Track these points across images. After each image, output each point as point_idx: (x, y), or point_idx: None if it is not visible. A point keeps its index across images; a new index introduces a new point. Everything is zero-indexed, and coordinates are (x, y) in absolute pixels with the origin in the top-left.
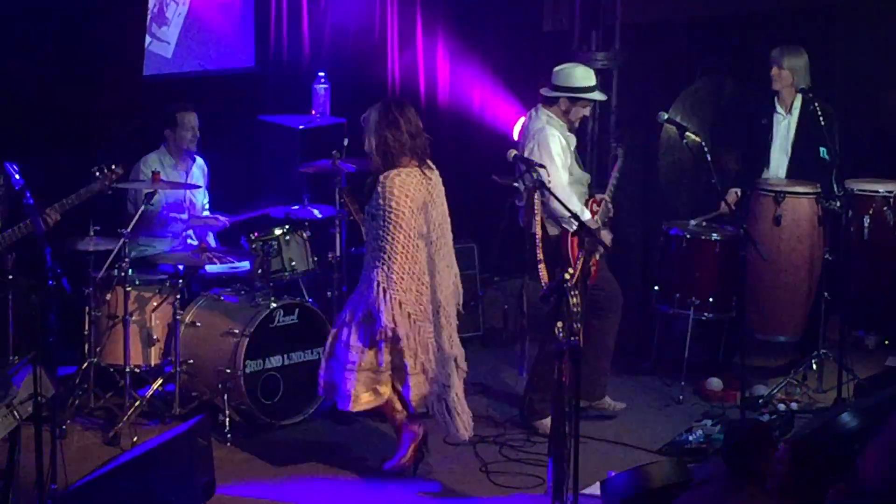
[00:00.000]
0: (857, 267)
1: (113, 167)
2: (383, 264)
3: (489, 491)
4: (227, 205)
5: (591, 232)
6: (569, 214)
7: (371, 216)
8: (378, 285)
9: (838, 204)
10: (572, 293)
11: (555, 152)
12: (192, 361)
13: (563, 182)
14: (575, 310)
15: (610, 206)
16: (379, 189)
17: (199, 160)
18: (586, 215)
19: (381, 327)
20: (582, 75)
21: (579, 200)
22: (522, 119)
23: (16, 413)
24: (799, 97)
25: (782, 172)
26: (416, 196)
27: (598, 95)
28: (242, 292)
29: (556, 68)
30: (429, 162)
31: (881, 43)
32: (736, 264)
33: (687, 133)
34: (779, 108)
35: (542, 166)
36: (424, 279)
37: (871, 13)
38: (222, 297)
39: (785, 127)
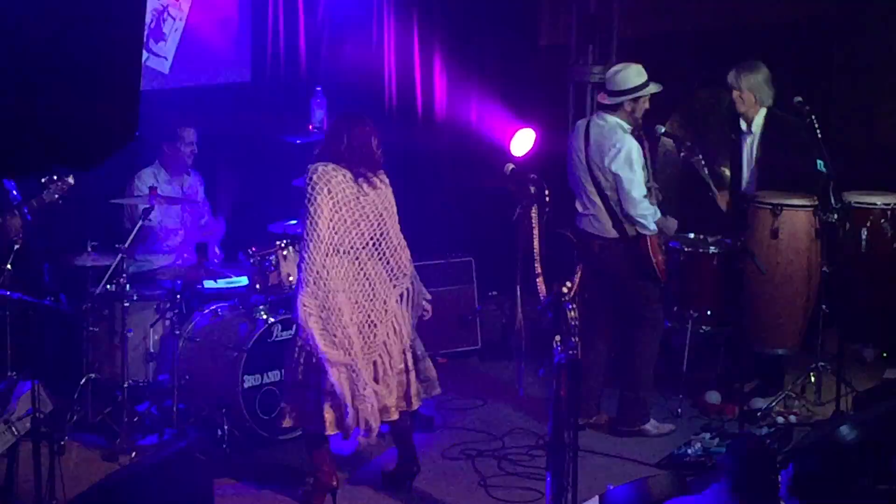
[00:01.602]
0: (855, 279)
1: (58, 177)
2: (301, 257)
3: None
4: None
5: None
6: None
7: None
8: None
9: (836, 216)
10: (570, 307)
11: (636, 162)
12: (190, 377)
13: (642, 190)
14: (573, 323)
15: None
16: (305, 178)
17: (195, 175)
18: (653, 227)
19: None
20: (636, 73)
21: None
22: (525, 134)
23: (14, 429)
24: (762, 113)
25: (752, 189)
26: (336, 192)
27: (654, 87)
28: (240, 307)
29: (610, 73)
30: (373, 179)
31: (879, 54)
32: (734, 277)
33: (685, 145)
34: (743, 126)
35: (537, 179)
36: (336, 281)
37: (869, 25)
38: (220, 312)
39: (750, 143)
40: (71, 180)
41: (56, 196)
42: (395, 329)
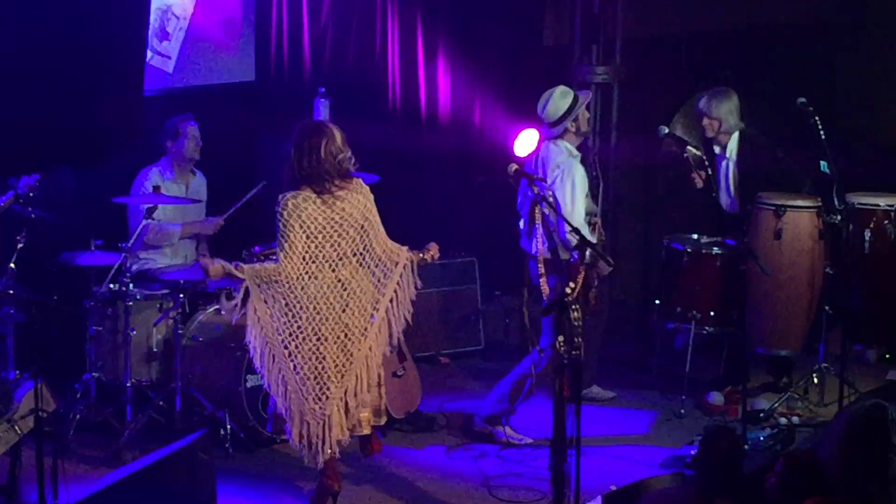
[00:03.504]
0: (857, 281)
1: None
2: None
3: None
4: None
5: (593, 246)
6: (575, 243)
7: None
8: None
9: (839, 218)
10: (573, 307)
11: (578, 185)
12: (192, 376)
13: (581, 213)
14: (576, 324)
15: (601, 230)
16: (276, 209)
17: (200, 174)
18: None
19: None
20: (561, 95)
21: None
22: (529, 134)
23: (17, 428)
24: (735, 137)
25: (735, 209)
26: (308, 222)
27: (584, 98)
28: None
29: (540, 108)
30: (345, 192)
31: (881, 57)
32: (737, 278)
33: (688, 147)
34: (716, 150)
35: (542, 180)
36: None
37: (871, 26)
38: (223, 312)
39: (725, 167)
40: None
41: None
42: (377, 343)
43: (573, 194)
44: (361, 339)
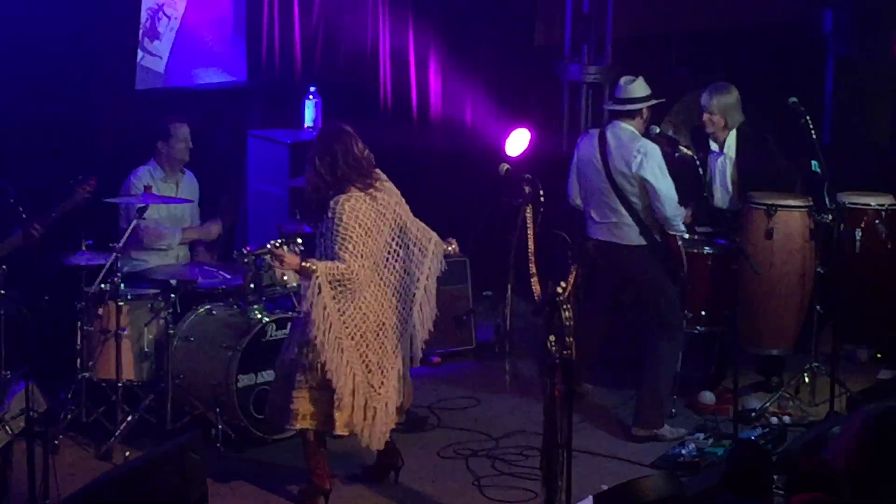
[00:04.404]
0: (849, 280)
1: (83, 178)
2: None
3: None
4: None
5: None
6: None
7: (321, 235)
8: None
9: (830, 217)
10: (565, 307)
11: (664, 166)
12: (184, 376)
13: (674, 191)
14: (567, 324)
15: None
16: (329, 213)
17: (189, 174)
18: (682, 226)
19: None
20: (644, 84)
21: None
22: (521, 133)
23: (8, 428)
24: (732, 134)
25: (733, 206)
26: (364, 220)
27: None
28: (235, 306)
29: (623, 83)
30: (377, 177)
31: (871, 55)
32: (728, 278)
33: (679, 147)
34: (713, 147)
35: (532, 179)
36: (363, 298)
37: (862, 25)
38: (214, 312)
39: (721, 164)
40: (93, 182)
41: (86, 196)
42: (402, 335)
43: (663, 172)
44: (392, 330)
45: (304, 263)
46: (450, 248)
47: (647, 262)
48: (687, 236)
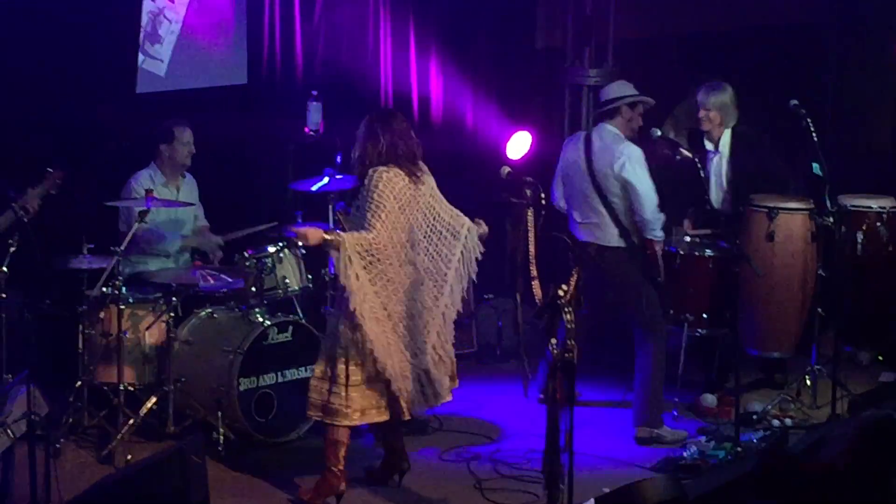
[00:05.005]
0: (850, 283)
1: (51, 170)
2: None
3: None
4: (218, 222)
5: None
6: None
7: (357, 208)
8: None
9: (831, 220)
10: (566, 310)
11: (645, 166)
12: (185, 379)
13: (654, 195)
14: (569, 326)
15: None
16: (366, 182)
17: (190, 177)
18: (660, 233)
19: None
20: (626, 85)
21: None
22: (522, 136)
23: (9, 431)
24: (727, 133)
25: (727, 208)
26: (400, 195)
27: (649, 99)
28: (236, 310)
29: (607, 85)
30: (420, 167)
31: (872, 58)
32: (730, 280)
33: (680, 149)
34: (708, 146)
35: (533, 182)
36: (399, 276)
37: (863, 27)
38: (216, 315)
39: (717, 163)
40: (60, 172)
41: (49, 190)
42: (451, 301)
43: (645, 173)
44: (418, 320)
45: (327, 236)
46: (480, 231)
47: (626, 264)
48: (663, 239)
